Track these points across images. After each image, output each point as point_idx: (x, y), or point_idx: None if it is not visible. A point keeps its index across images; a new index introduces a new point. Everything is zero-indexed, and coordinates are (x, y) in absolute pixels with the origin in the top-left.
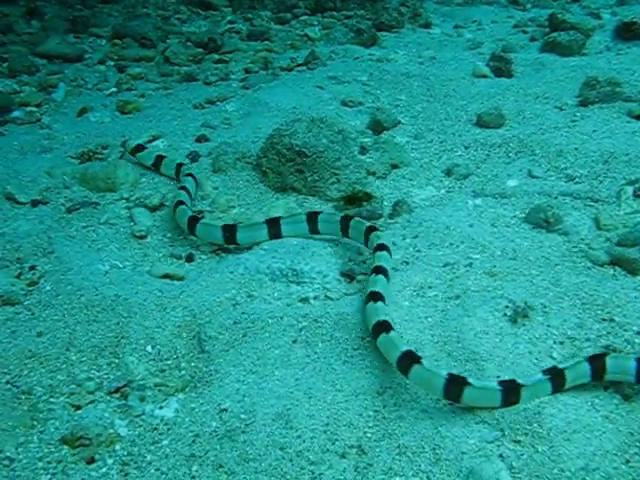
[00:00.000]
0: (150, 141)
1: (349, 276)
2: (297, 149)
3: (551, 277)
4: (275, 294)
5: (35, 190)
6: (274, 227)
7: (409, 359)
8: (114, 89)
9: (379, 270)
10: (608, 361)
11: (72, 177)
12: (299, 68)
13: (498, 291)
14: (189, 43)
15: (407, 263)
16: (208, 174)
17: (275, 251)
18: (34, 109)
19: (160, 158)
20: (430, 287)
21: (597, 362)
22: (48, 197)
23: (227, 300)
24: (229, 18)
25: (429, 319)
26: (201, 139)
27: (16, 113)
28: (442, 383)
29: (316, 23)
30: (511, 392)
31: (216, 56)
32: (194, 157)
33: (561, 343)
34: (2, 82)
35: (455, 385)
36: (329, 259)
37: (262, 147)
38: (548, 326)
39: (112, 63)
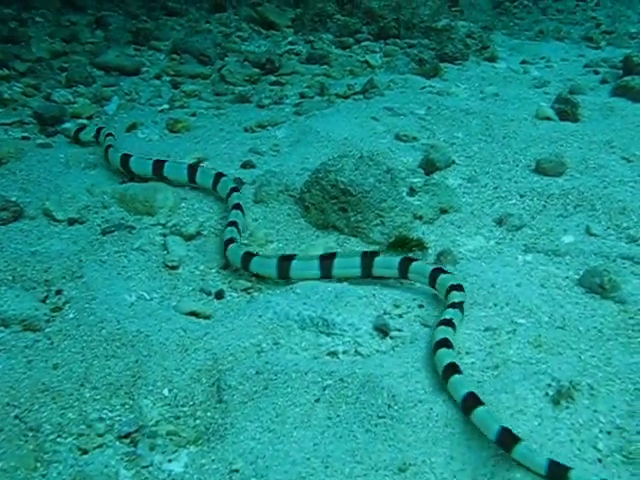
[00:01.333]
0: (199, 161)
1: (383, 331)
2: (342, 187)
3: (602, 354)
4: (303, 344)
5: (74, 208)
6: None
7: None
8: (166, 106)
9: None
10: None
11: (112, 197)
12: (356, 96)
13: (541, 365)
14: (246, 62)
15: None
16: (249, 204)
17: (307, 297)
18: (85, 121)
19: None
20: (468, 353)
21: None
22: (85, 216)
23: (252, 346)
24: (290, 39)
25: None
26: (247, 165)
27: (67, 124)
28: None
29: (378, 50)
30: None
31: (272, 78)
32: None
33: (608, 433)
34: (58, 92)
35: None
36: (363, 310)
37: (307, 181)
38: (594, 411)
39: (168, 78)
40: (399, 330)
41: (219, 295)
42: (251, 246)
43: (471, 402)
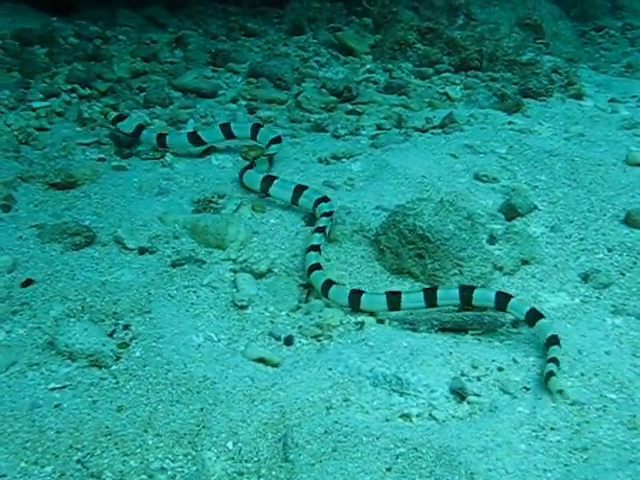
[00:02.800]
0: (266, 196)
1: (460, 395)
2: (420, 232)
3: None
4: (374, 402)
5: (145, 236)
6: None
7: None
8: None
9: None
10: None
11: (183, 227)
12: (434, 130)
13: (638, 452)
14: (324, 89)
15: (527, 389)
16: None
17: (381, 352)
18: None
19: (140, 128)
20: (553, 429)
21: None
22: (156, 246)
23: (321, 401)
24: (368, 67)
25: (549, 474)
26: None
27: (142, 147)
28: None
29: (458, 82)
30: None
31: (349, 106)
32: (308, 218)
33: None
34: (136, 113)
35: None
36: (440, 370)
37: (383, 223)
38: None
39: (244, 103)
40: (477, 395)
41: (288, 341)
42: None
43: None
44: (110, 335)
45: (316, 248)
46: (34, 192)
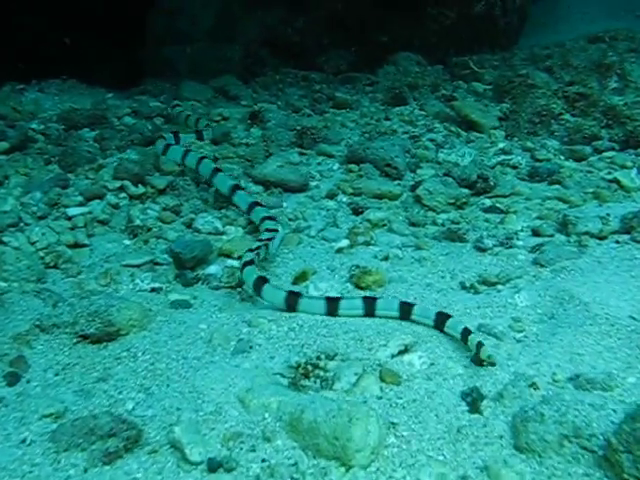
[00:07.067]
0: (400, 353)
1: None
2: None
3: None
4: None
5: (217, 435)
6: None
7: None
8: (345, 242)
9: None
10: None
11: (277, 417)
12: (617, 236)
13: None
14: (449, 178)
15: None
16: (504, 448)
17: None
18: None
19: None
20: None
21: None
22: (234, 456)
23: None
24: (501, 145)
25: None
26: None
27: (212, 268)
28: None
29: (629, 164)
30: None
31: (487, 201)
32: (472, 397)
33: None
34: (203, 217)
35: None
36: None
37: (620, 430)
38: None
39: (345, 199)
40: None
41: None
42: None
43: None
44: None
45: None
46: (56, 350)
